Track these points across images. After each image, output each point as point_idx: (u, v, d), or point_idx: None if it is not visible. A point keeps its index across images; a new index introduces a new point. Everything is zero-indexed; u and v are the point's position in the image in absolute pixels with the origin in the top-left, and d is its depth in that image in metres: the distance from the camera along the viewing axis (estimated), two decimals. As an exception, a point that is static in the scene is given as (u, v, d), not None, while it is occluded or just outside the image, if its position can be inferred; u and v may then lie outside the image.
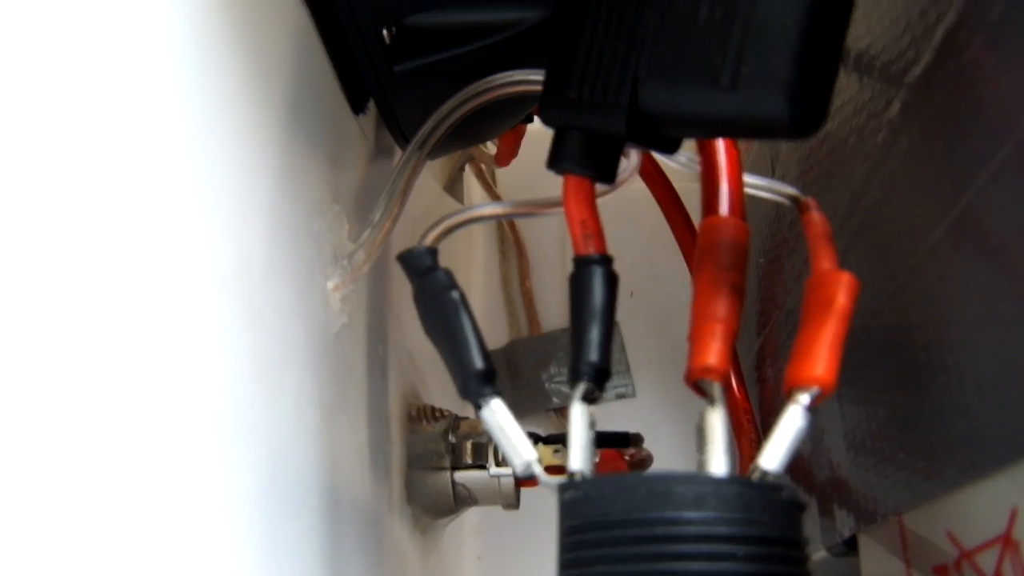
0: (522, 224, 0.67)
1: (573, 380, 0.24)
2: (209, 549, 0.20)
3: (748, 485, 0.20)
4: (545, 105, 0.26)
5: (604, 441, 0.43)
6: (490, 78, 0.31)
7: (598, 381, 0.24)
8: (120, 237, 0.17)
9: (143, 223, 0.18)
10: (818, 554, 0.35)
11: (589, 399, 0.24)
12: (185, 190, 0.20)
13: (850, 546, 0.33)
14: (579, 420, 0.23)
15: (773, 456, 0.22)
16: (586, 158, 0.25)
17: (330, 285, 0.30)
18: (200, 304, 0.20)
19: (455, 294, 0.26)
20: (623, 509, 0.20)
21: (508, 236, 0.66)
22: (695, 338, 0.24)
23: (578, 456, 0.23)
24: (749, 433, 0.41)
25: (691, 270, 0.33)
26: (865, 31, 0.30)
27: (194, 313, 0.20)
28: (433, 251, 0.27)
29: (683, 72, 0.22)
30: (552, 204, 0.28)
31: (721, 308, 0.24)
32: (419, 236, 0.28)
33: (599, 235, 0.25)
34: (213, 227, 0.22)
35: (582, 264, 0.25)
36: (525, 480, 0.41)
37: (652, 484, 0.20)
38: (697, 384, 0.24)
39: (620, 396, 0.60)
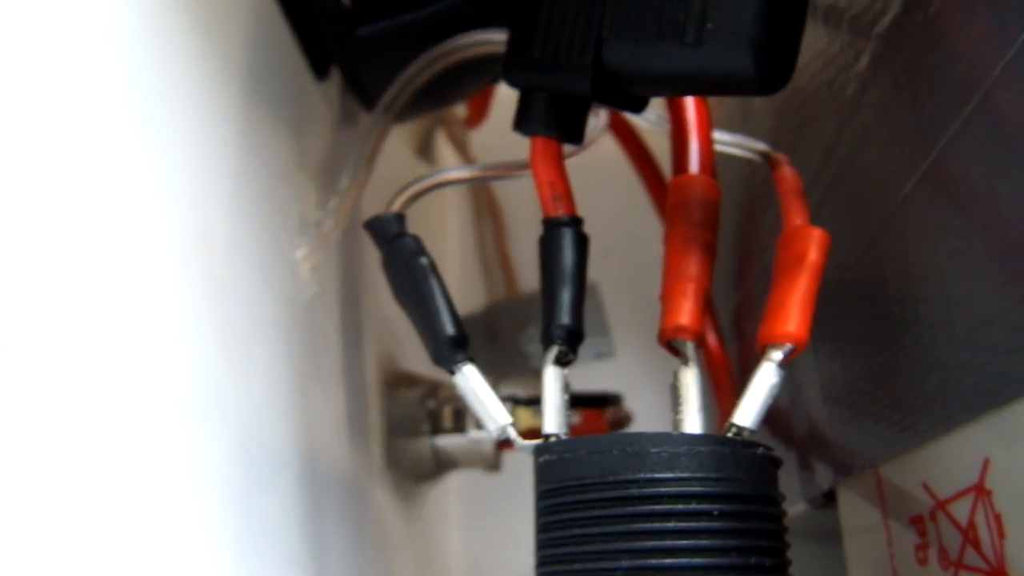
0: (496, 185, 0.66)
1: (545, 343, 0.24)
2: (177, 524, 0.20)
3: (722, 443, 0.20)
4: (509, 66, 0.25)
5: (583, 402, 0.43)
6: (454, 39, 0.30)
7: (570, 344, 0.24)
8: (71, 216, 0.17)
9: (95, 200, 0.18)
10: (798, 506, 0.35)
11: (562, 362, 0.24)
12: (138, 164, 0.20)
13: (829, 498, 0.33)
14: (552, 383, 0.23)
15: (747, 413, 0.22)
16: (553, 119, 0.25)
17: (299, 254, 0.29)
18: (159, 281, 0.20)
19: (424, 260, 0.25)
20: (597, 471, 0.20)
21: (482, 197, 0.66)
22: (667, 298, 0.24)
23: (552, 419, 0.23)
24: (729, 390, 0.41)
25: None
26: (833, -18, 0.30)
27: (152, 290, 0.20)
28: (400, 217, 0.27)
29: (647, 29, 0.22)
30: (521, 167, 0.28)
31: (693, 267, 0.24)
32: (385, 200, 0.28)
33: (568, 196, 0.25)
34: (169, 201, 0.21)
35: (551, 226, 0.25)
36: (505, 443, 0.41)
37: (626, 445, 0.20)
38: (671, 344, 0.24)
39: (599, 356, 0.60)
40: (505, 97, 0.52)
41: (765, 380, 0.22)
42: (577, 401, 0.34)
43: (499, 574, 0.59)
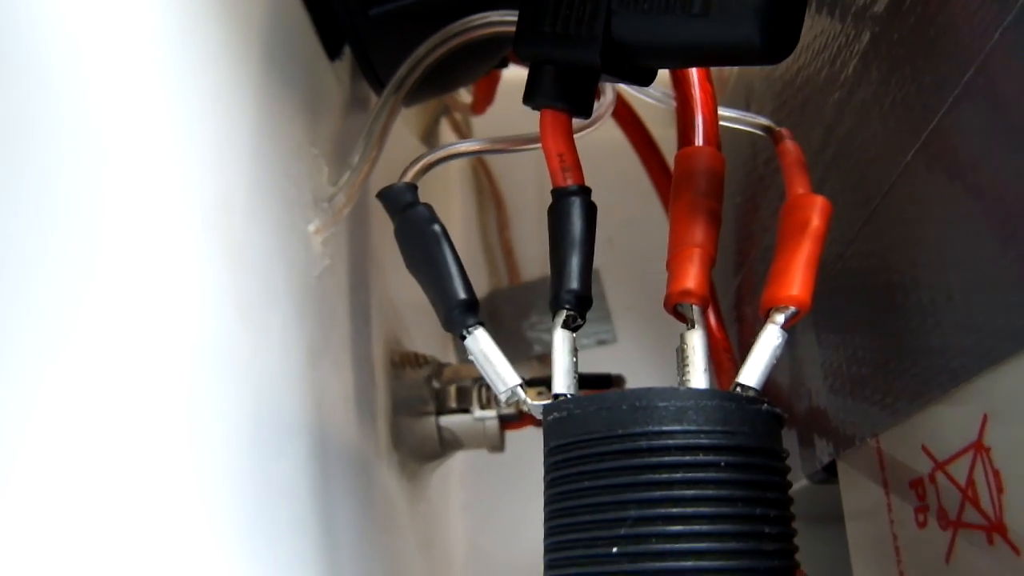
0: (499, 174, 0.67)
1: (555, 308, 0.24)
2: (195, 482, 0.20)
3: (728, 398, 0.21)
4: (520, 40, 0.26)
5: (586, 383, 0.44)
6: (464, 20, 0.31)
7: (579, 308, 0.24)
8: (101, 176, 0.18)
9: (124, 163, 0.18)
10: (799, 483, 0.36)
11: (571, 326, 0.24)
12: (164, 131, 0.20)
13: (830, 472, 0.34)
14: (561, 345, 0.24)
15: (752, 373, 0.22)
16: (562, 92, 0.26)
17: (311, 228, 0.30)
18: (182, 240, 0.21)
19: (436, 227, 0.26)
20: (606, 425, 0.21)
21: (485, 187, 0.67)
22: (673, 264, 0.25)
23: (561, 379, 0.23)
24: (729, 370, 0.41)
25: (667, 207, 0.34)
26: (835, -37, 0.31)
27: (176, 249, 0.20)
28: (413, 187, 0.27)
29: (655, 1, 0.23)
30: (529, 140, 0.29)
31: (698, 234, 0.25)
32: (392, 180, 0.29)
33: (577, 167, 0.26)
34: (192, 166, 0.22)
35: (561, 195, 0.25)
36: (509, 422, 0.42)
37: (634, 400, 0.21)
38: (677, 309, 0.24)
39: (601, 342, 0.61)
40: (508, 85, 0.53)
41: (769, 341, 0.23)
42: (580, 382, 0.35)
43: (499, 556, 0.59)
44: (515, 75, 0.33)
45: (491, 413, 0.41)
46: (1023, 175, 0.20)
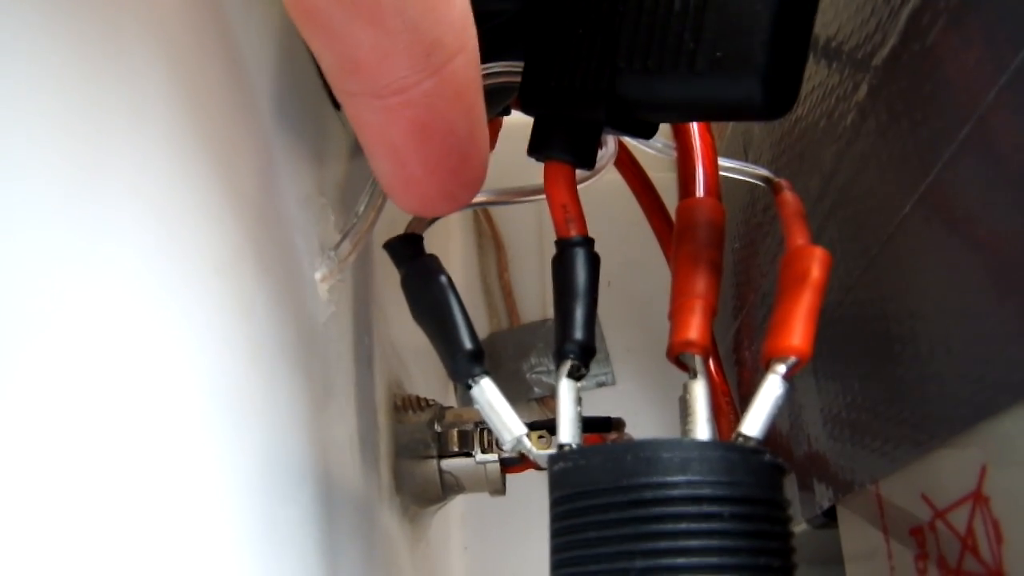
0: (499, 217, 0.67)
1: (559, 358, 0.25)
2: (210, 530, 0.21)
3: (731, 449, 0.21)
4: (525, 94, 0.26)
5: (587, 426, 0.44)
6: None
7: (583, 358, 0.25)
8: (115, 227, 0.18)
9: (138, 215, 0.19)
10: (799, 527, 0.36)
11: (575, 376, 0.25)
12: (178, 179, 0.21)
13: (829, 517, 0.34)
14: (566, 396, 0.24)
15: (754, 423, 0.23)
16: (566, 145, 0.26)
17: (318, 276, 0.30)
18: (197, 291, 0.21)
19: (443, 278, 0.26)
20: (612, 476, 0.21)
21: (485, 229, 0.67)
22: (676, 314, 0.25)
23: (567, 430, 0.24)
24: (728, 414, 0.42)
25: (667, 257, 0.34)
26: (833, 17, 0.31)
27: (192, 300, 0.21)
28: (419, 238, 0.28)
29: (660, 59, 0.23)
30: (533, 192, 0.29)
31: (700, 284, 0.25)
32: (396, 229, 0.29)
33: (580, 218, 0.26)
34: (206, 217, 0.22)
35: (565, 246, 0.26)
36: (510, 466, 0.42)
37: (639, 451, 0.21)
38: (679, 358, 0.25)
39: (600, 384, 0.61)
40: (505, 129, 0.54)
41: (771, 391, 0.23)
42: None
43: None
44: (515, 118, 0.33)
45: (492, 457, 0.41)
46: (1020, 229, 0.20)
